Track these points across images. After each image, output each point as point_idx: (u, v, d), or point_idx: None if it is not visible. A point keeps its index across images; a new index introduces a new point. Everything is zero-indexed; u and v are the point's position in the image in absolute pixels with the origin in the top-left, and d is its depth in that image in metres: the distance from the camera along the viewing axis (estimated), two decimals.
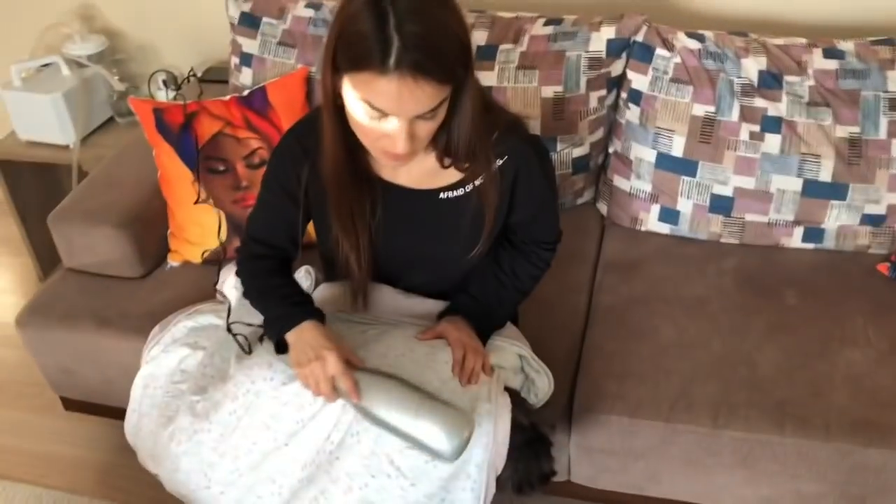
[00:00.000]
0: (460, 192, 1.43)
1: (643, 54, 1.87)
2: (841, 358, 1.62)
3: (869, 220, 1.83)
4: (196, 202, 1.86)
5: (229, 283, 1.74)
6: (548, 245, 1.57)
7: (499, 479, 1.38)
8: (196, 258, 1.97)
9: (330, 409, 1.38)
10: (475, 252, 1.48)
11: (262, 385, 1.43)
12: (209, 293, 1.84)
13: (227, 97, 2.02)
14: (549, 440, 1.42)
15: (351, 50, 1.17)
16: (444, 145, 1.34)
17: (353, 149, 1.35)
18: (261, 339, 1.54)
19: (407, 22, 1.13)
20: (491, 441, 1.33)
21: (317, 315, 1.43)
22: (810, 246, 1.90)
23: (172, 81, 2.57)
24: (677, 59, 1.85)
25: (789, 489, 1.58)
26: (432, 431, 1.26)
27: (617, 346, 1.69)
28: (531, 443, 1.39)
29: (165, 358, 1.67)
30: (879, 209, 1.81)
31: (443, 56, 1.16)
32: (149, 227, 1.96)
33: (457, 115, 1.28)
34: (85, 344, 1.86)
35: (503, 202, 1.44)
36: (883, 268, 1.83)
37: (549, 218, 1.55)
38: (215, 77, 2.43)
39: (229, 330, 1.57)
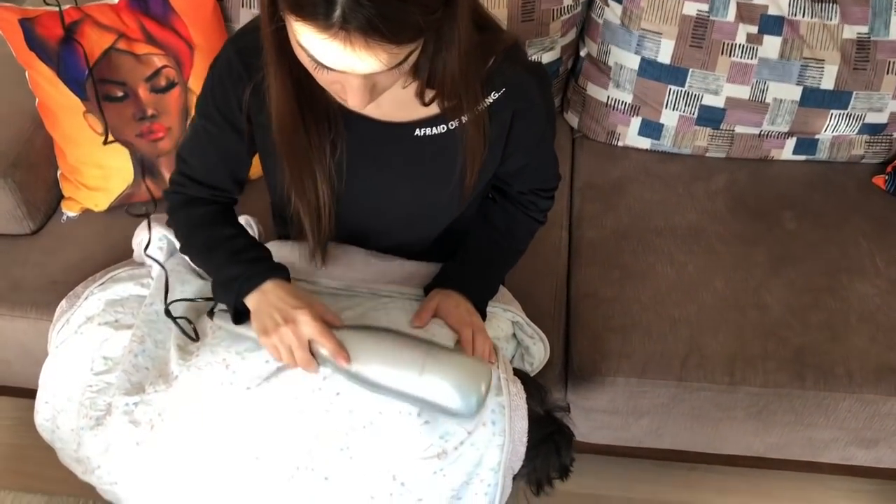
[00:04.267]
0: (441, 128, 1.13)
1: None
2: (852, 292, 1.49)
3: (868, 129, 1.67)
4: (105, 142, 1.48)
5: (154, 243, 1.43)
6: (547, 193, 1.32)
7: (514, 477, 1.20)
8: (98, 206, 1.62)
9: (309, 419, 1.14)
10: (460, 206, 1.22)
11: (218, 392, 1.16)
12: (120, 250, 1.51)
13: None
14: (571, 431, 1.23)
15: None
16: (426, 77, 1.04)
17: (305, 76, 1.03)
18: (210, 313, 1.25)
19: None
20: (506, 440, 1.13)
21: (280, 272, 1.16)
22: (801, 158, 1.74)
23: None
24: None
25: (801, 436, 1.48)
26: (443, 387, 1.03)
27: (611, 291, 1.50)
28: (550, 436, 1.20)
29: (80, 341, 1.36)
30: (881, 118, 1.64)
31: (406, 9, 0.84)
32: (34, 172, 1.58)
33: (442, 47, 0.98)
34: None
35: (496, 146, 1.17)
36: (879, 181, 1.69)
37: (549, 161, 1.30)
38: None
39: (168, 314, 1.27)
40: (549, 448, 1.20)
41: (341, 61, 0.88)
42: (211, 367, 1.18)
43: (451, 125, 1.13)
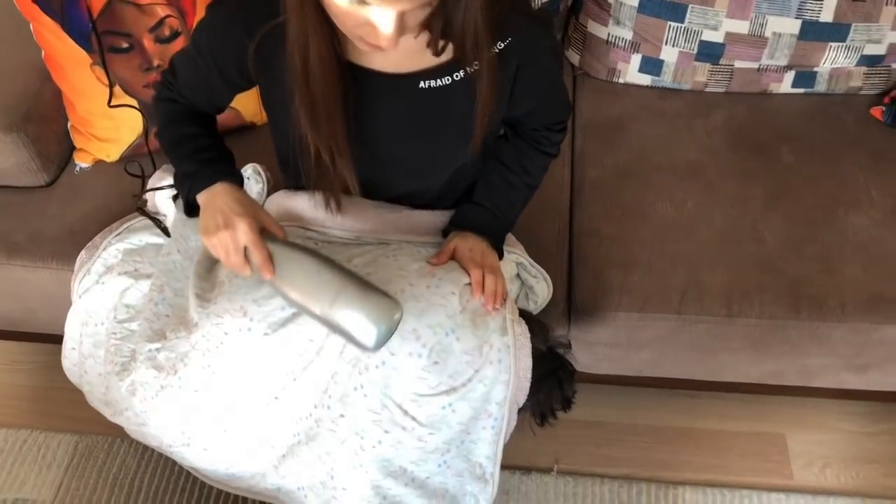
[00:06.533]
0: (446, 80, 1.16)
1: None
2: (847, 224, 1.53)
3: (866, 60, 1.68)
4: (110, 103, 1.52)
5: (163, 195, 1.48)
6: (559, 125, 1.35)
7: (519, 410, 1.27)
8: (109, 156, 1.66)
9: (325, 360, 1.20)
10: (466, 155, 1.25)
11: (237, 337, 1.22)
12: (134, 200, 1.56)
13: None
14: (572, 366, 1.29)
15: None
16: (441, 28, 1.03)
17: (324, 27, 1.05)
18: (175, 200, 1.36)
19: None
20: (511, 377, 1.19)
21: (232, 176, 1.22)
22: (800, 90, 1.75)
23: None
24: None
25: (796, 364, 1.54)
26: (351, 319, 1.07)
27: (612, 228, 1.54)
28: (553, 371, 1.26)
29: (101, 290, 1.43)
30: (879, 49, 1.65)
31: None
32: (45, 124, 1.61)
33: None
34: None
35: (502, 95, 1.19)
36: (877, 112, 1.71)
37: (559, 97, 1.32)
38: None
39: (141, 211, 1.38)
40: (551, 383, 1.26)
41: None
42: (229, 315, 1.23)
43: (456, 76, 1.15)
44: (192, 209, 1.25)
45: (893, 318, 1.42)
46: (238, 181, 1.23)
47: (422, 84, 1.16)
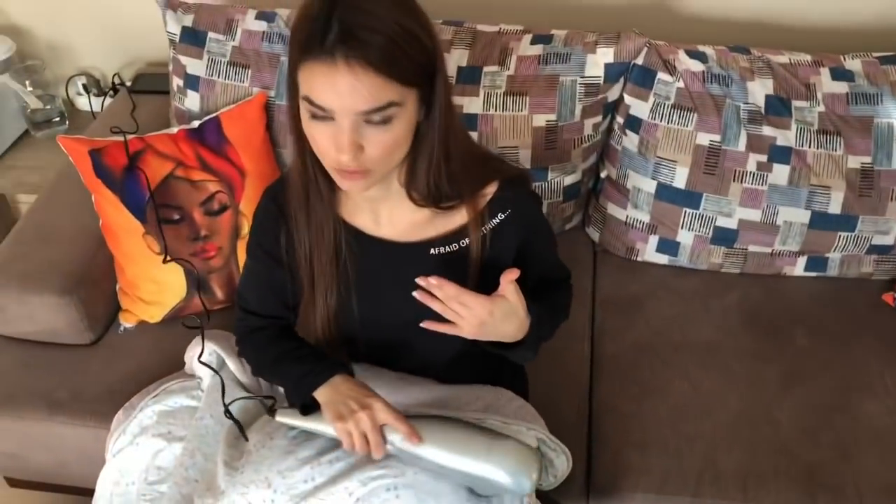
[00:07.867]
0: (454, 246, 1.27)
1: (644, 79, 1.71)
2: (862, 411, 1.56)
3: (875, 249, 1.76)
4: (165, 261, 1.64)
5: (205, 356, 1.55)
6: (564, 283, 1.46)
7: None
8: (152, 318, 1.75)
9: None
10: None
11: None
12: (172, 361, 1.64)
13: (175, 130, 1.76)
14: None
15: (298, 34, 1.06)
16: (406, 177, 1.20)
17: (323, 190, 1.23)
18: (270, 411, 1.36)
19: (353, 9, 1.03)
20: None
21: (346, 367, 1.30)
22: (812, 274, 1.82)
23: (94, 85, 2.28)
24: (680, 84, 1.69)
25: None
26: (501, 474, 1.20)
27: (631, 406, 1.59)
28: None
29: (136, 451, 1.48)
30: (887, 240, 1.73)
31: (390, 47, 1.03)
32: (96, 287, 1.72)
33: (418, 140, 1.15)
34: (35, 431, 1.64)
35: (504, 263, 1.27)
36: (888, 298, 1.77)
37: (556, 261, 1.45)
38: (147, 87, 2.15)
39: (228, 414, 1.40)
40: None
41: (331, 89, 1.03)
42: (254, 485, 1.28)
43: (462, 243, 1.26)
44: (308, 407, 1.31)
45: None
46: (351, 371, 1.32)
47: (432, 251, 1.27)
